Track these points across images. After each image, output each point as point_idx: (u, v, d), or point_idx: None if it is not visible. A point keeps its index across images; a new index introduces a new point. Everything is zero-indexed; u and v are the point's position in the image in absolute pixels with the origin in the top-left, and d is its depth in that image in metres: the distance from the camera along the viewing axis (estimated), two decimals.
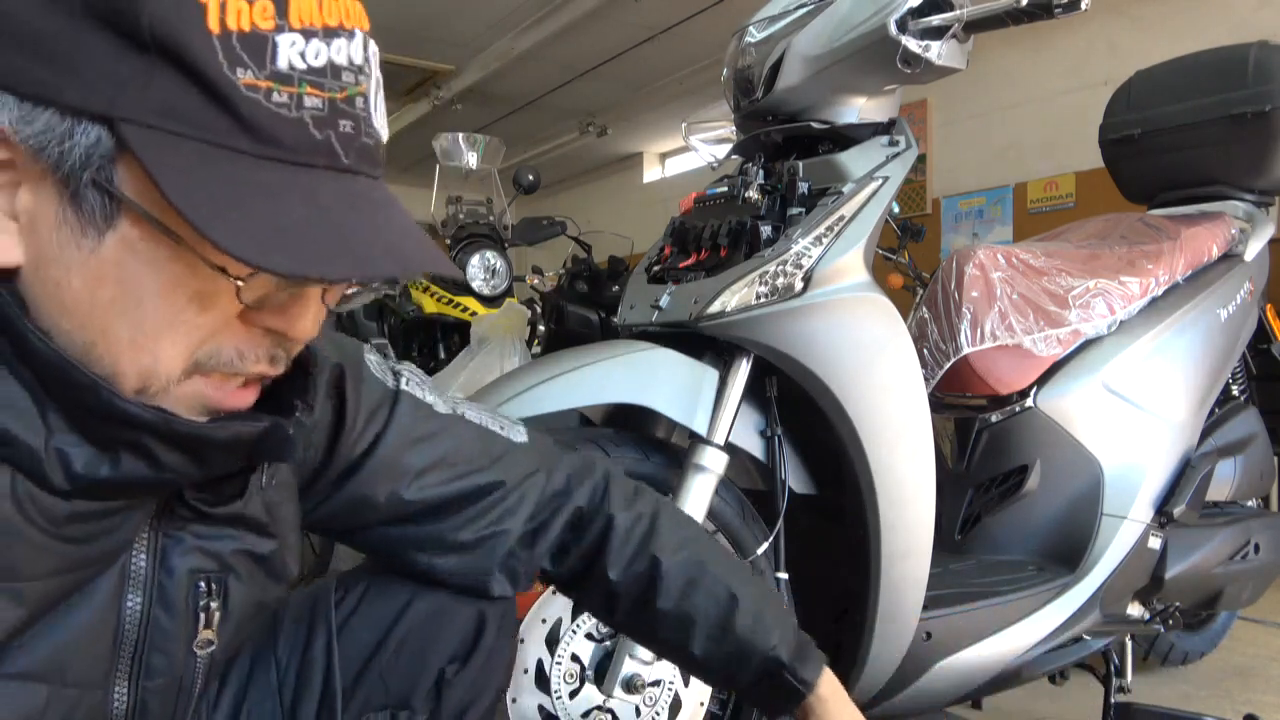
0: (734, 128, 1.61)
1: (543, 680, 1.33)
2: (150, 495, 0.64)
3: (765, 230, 1.38)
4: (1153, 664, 2.22)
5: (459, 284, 3.86)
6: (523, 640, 1.31)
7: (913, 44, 1.32)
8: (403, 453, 0.83)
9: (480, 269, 3.87)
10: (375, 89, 0.57)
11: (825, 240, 1.33)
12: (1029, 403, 1.76)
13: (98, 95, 0.49)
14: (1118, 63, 4.41)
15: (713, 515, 1.36)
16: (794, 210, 1.40)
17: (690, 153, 1.85)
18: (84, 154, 0.50)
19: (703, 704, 1.44)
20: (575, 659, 1.35)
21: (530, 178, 4.07)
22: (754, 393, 1.40)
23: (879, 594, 1.41)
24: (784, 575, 1.39)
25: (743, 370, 1.36)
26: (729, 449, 1.34)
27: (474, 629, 0.90)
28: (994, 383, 1.73)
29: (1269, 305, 2.23)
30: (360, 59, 0.54)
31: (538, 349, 3.95)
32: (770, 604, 0.96)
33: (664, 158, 9.68)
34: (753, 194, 1.44)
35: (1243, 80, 2.04)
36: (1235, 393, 2.24)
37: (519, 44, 6.36)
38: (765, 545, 1.40)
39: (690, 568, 0.93)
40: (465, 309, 3.82)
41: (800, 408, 1.40)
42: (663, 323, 1.41)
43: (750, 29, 1.52)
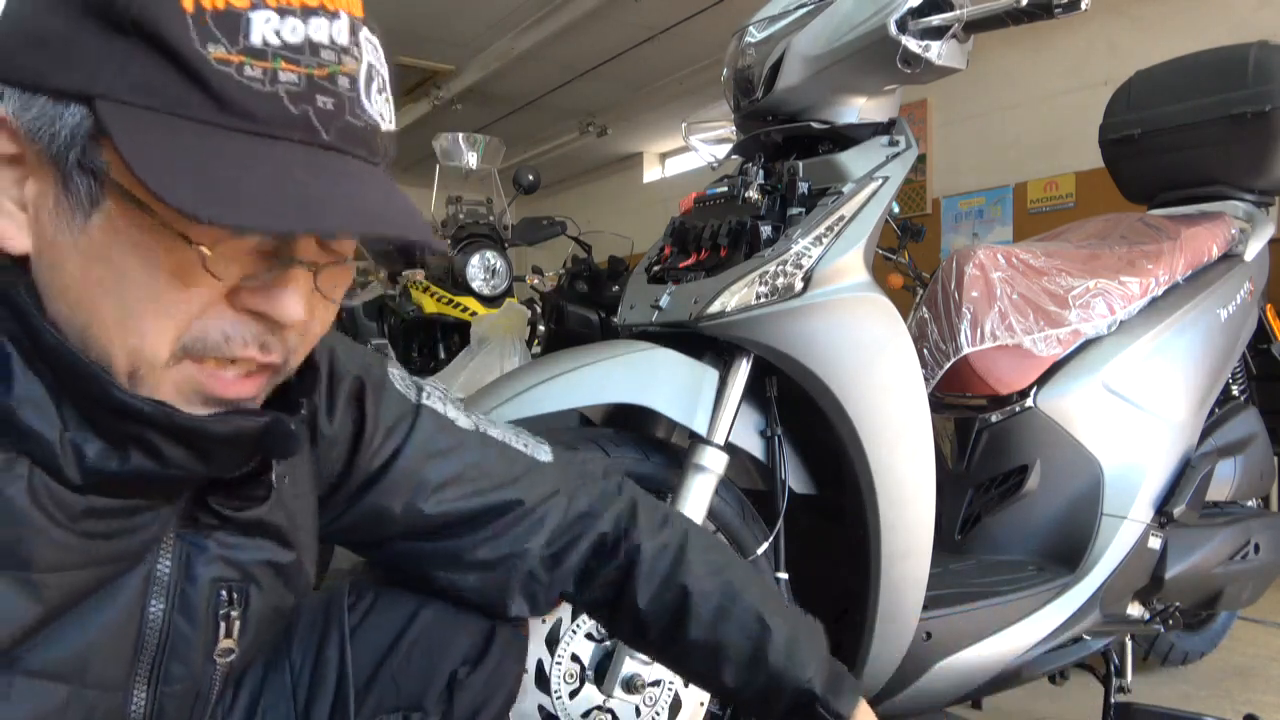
0: (734, 128, 1.61)
1: (543, 680, 1.33)
2: (163, 493, 0.64)
3: (765, 230, 1.38)
4: (1153, 664, 2.22)
5: (459, 284, 3.86)
6: None
7: (913, 44, 1.32)
8: (422, 466, 0.83)
9: (480, 269, 3.87)
10: (369, 74, 0.57)
11: (825, 240, 1.33)
12: (1029, 403, 1.76)
13: (80, 76, 0.51)
14: (1118, 63, 4.41)
15: (713, 515, 1.36)
16: (794, 210, 1.40)
17: (690, 153, 1.85)
18: (69, 134, 0.52)
19: (703, 704, 1.44)
20: (575, 659, 1.35)
21: (530, 178, 4.07)
22: (754, 393, 1.40)
23: (879, 594, 1.41)
24: (784, 575, 1.39)
25: (743, 370, 1.36)
26: (729, 449, 1.34)
27: (486, 633, 0.90)
28: (994, 383, 1.73)
29: (1269, 305, 2.23)
30: (345, 40, 0.55)
31: (538, 349, 3.95)
32: (804, 632, 0.93)
33: (664, 158, 9.68)
34: (753, 194, 1.44)
35: (1243, 80, 2.04)
36: (1235, 393, 2.24)
37: (519, 44, 6.36)
38: (765, 545, 1.40)
39: (721, 596, 0.90)
40: (465, 309, 3.82)
41: (800, 408, 1.40)
42: (663, 323, 1.41)
43: (750, 29, 1.52)
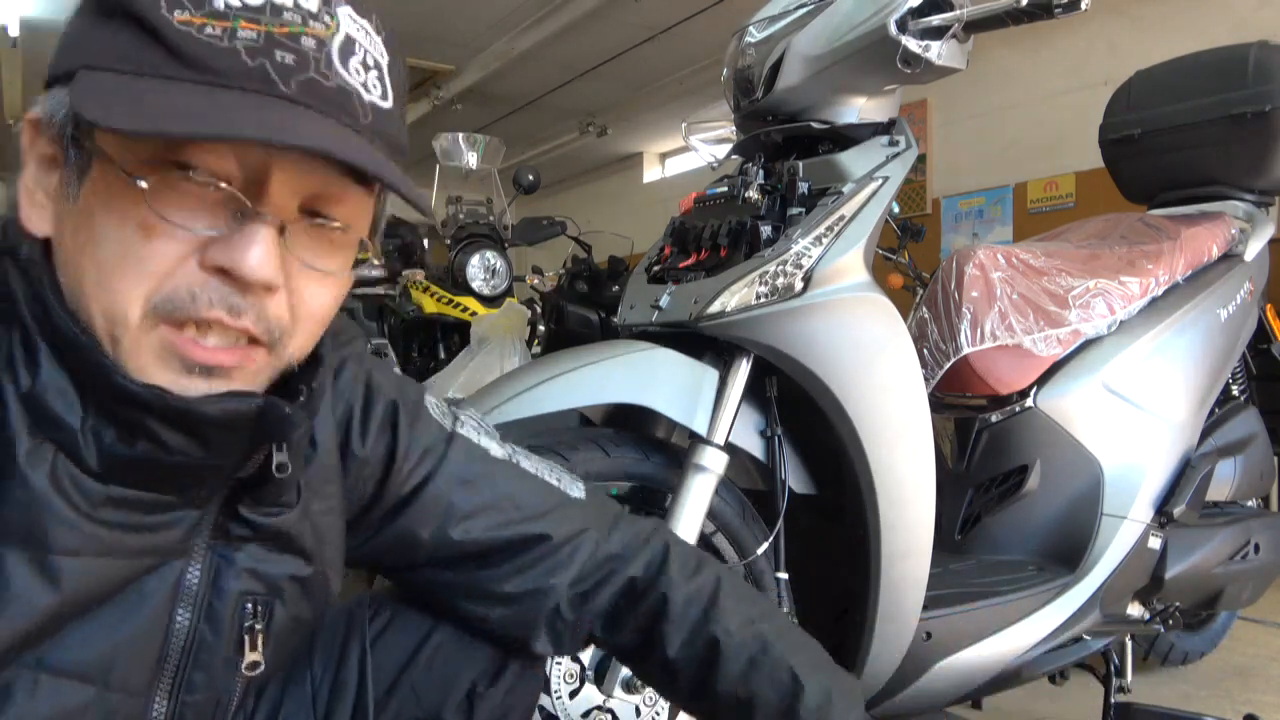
0: (734, 128, 1.61)
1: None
2: (178, 487, 0.64)
3: (765, 230, 1.38)
4: (1153, 664, 2.22)
5: (459, 284, 3.86)
6: None
7: (913, 44, 1.32)
8: (452, 493, 0.84)
9: (480, 269, 3.87)
10: (347, 44, 0.59)
11: (825, 240, 1.33)
12: (1029, 403, 1.76)
13: (73, 59, 0.56)
14: (1118, 63, 4.41)
15: (713, 515, 1.36)
16: (794, 210, 1.40)
17: (690, 153, 1.85)
18: (66, 112, 0.57)
19: None
20: (575, 659, 1.35)
21: (530, 178, 4.07)
22: (754, 393, 1.40)
23: (879, 594, 1.41)
24: (784, 575, 1.39)
25: (743, 370, 1.36)
26: (729, 449, 1.34)
27: (503, 651, 0.90)
28: (994, 383, 1.73)
29: (1269, 305, 2.24)
30: (314, 7, 0.57)
31: (538, 349, 3.95)
32: (839, 692, 0.89)
33: (664, 158, 9.68)
34: (753, 194, 1.44)
35: (1243, 80, 2.04)
36: (1235, 393, 2.24)
37: (519, 44, 6.36)
38: (765, 545, 1.40)
39: (753, 648, 0.88)
40: (465, 309, 3.82)
41: (800, 408, 1.40)
42: (663, 323, 1.41)
43: (750, 29, 1.52)
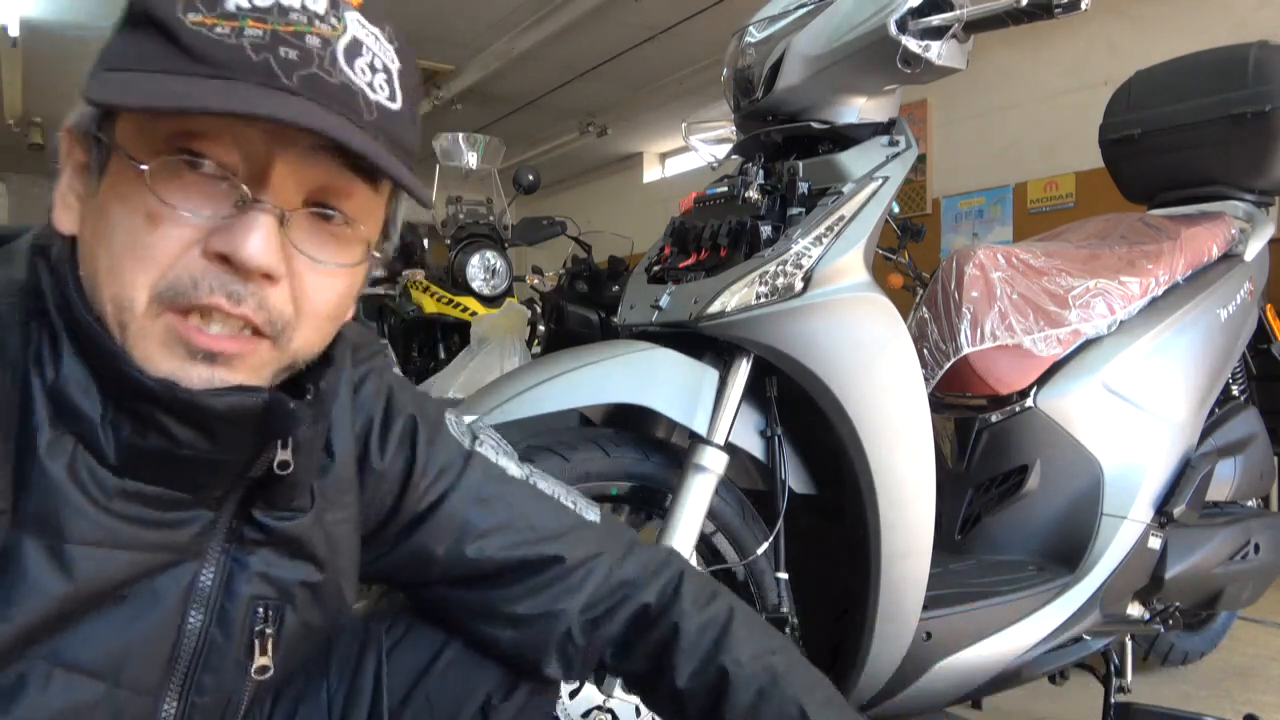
0: (734, 128, 1.61)
1: None
2: (190, 483, 0.65)
3: (765, 230, 1.38)
4: (1153, 664, 2.22)
5: (459, 284, 3.86)
6: None
7: (913, 44, 1.32)
8: (468, 510, 0.85)
9: (480, 269, 3.88)
10: (353, 46, 0.60)
11: (825, 240, 1.33)
12: (1029, 403, 1.76)
13: (100, 67, 0.58)
14: (1118, 63, 4.41)
15: (713, 515, 1.36)
16: (794, 210, 1.40)
17: (690, 153, 1.85)
18: (91, 115, 0.60)
19: None
20: None
21: (530, 178, 4.07)
22: (754, 393, 1.40)
23: (879, 594, 1.41)
24: (784, 575, 1.39)
25: (743, 370, 1.36)
26: (729, 449, 1.34)
27: (516, 670, 0.90)
28: (994, 383, 1.73)
29: (1269, 305, 2.23)
30: (320, 9, 0.59)
31: (538, 349, 3.95)
32: None
33: (664, 158, 9.68)
34: (753, 194, 1.44)
35: (1243, 80, 2.04)
36: (1235, 393, 2.24)
37: (519, 44, 6.36)
38: (765, 545, 1.40)
39: (763, 680, 0.87)
40: (465, 309, 3.83)
41: (800, 408, 1.40)
42: (663, 323, 1.41)
43: (750, 29, 1.52)
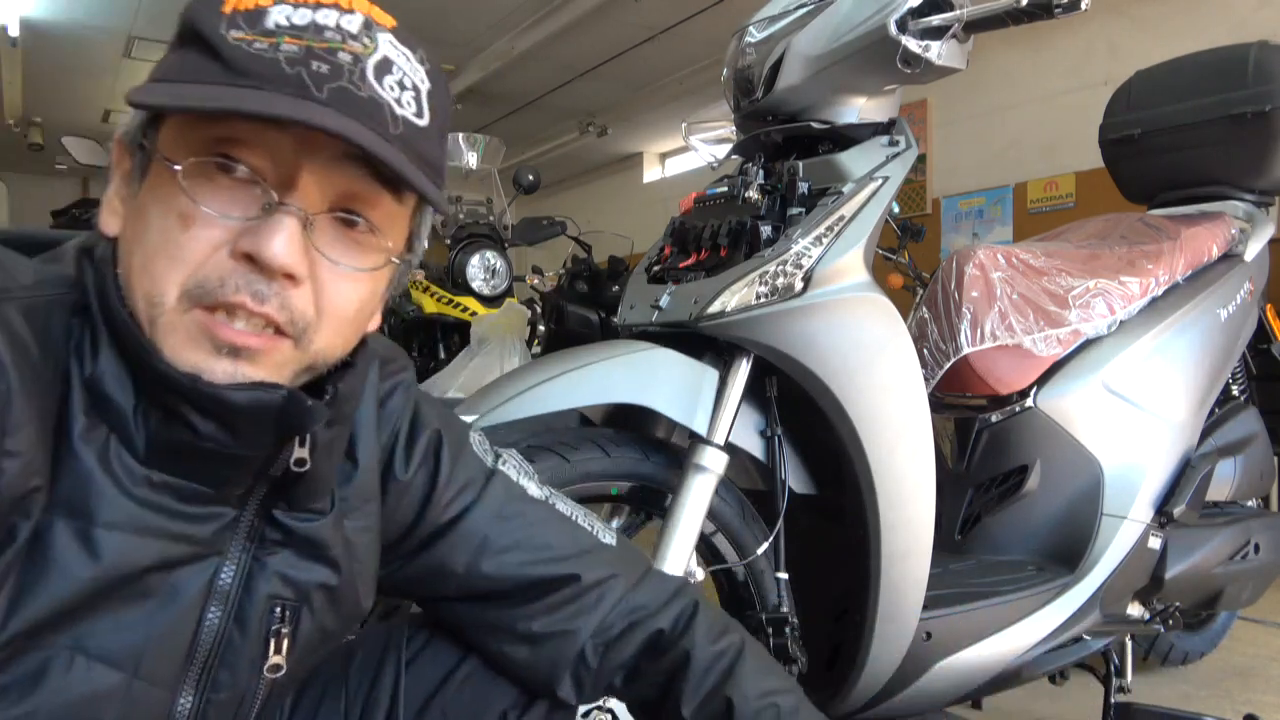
0: (734, 128, 1.61)
1: None
2: (212, 478, 0.67)
3: (765, 230, 1.38)
4: (1153, 664, 2.22)
5: (459, 284, 3.86)
6: None
7: (913, 44, 1.32)
8: (488, 526, 0.86)
9: (480, 269, 3.88)
10: (383, 64, 0.63)
11: (825, 240, 1.33)
12: (1029, 403, 1.76)
13: (150, 77, 0.63)
14: (1118, 63, 4.41)
15: (713, 515, 1.36)
16: (794, 210, 1.39)
17: (690, 153, 1.85)
18: (140, 123, 0.64)
19: None
20: None
21: (530, 178, 4.07)
22: (754, 393, 1.40)
23: (879, 594, 1.41)
24: (784, 575, 1.39)
25: (743, 370, 1.36)
26: (729, 449, 1.34)
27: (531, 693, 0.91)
28: (994, 383, 1.73)
29: (1269, 305, 2.24)
30: (355, 29, 0.63)
31: (538, 349, 3.95)
32: None
33: (664, 158, 9.68)
34: (753, 194, 1.44)
35: (1243, 80, 2.04)
36: (1235, 393, 2.24)
37: (519, 44, 6.36)
38: (765, 545, 1.40)
39: (766, 718, 0.88)
40: (465, 309, 3.83)
41: (800, 408, 1.40)
42: (663, 323, 1.41)
43: (750, 29, 1.52)
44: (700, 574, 1.36)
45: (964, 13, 1.31)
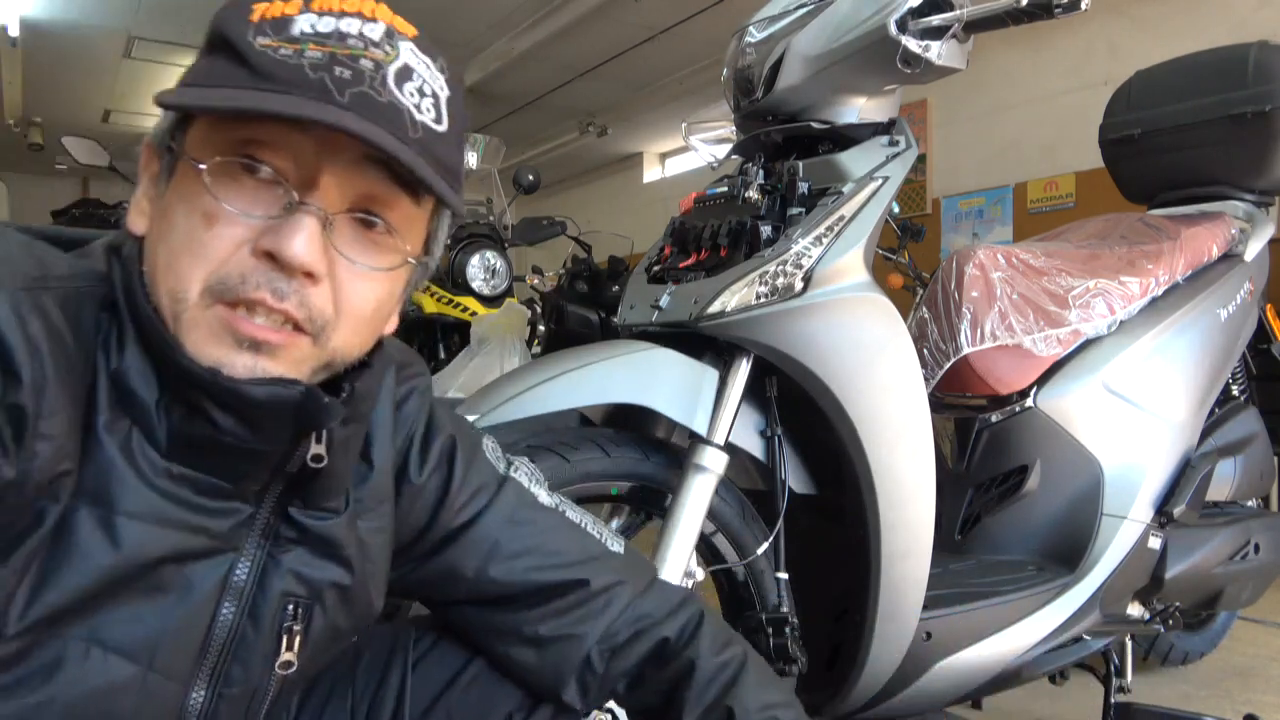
0: (734, 128, 1.61)
1: None
2: (231, 472, 0.68)
3: (765, 230, 1.38)
4: (1153, 664, 2.22)
5: (459, 284, 3.86)
6: None
7: (913, 44, 1.32)
8: (499, 532, 0.88)
9: (480, 269, 3.87)
10: (404, 72, 0.65)
11: (825, 240, 1.33)
12: (1029, 403, 1.76)
13: (179, 82, 0.65)
14: (1118, 63, 4.41)
15: (713, 515, 1.36)
16: (794, 210, 1.39)
17: (690, 153, 1.85)
18: (168, 126, 0.66)
19: None
20: None
21: (530, 178, 4.07)
22: (754, 393, 1.40)
23: (879, 594, 1.41)
24: (784, 575, 1.39)
25: (743, 370, 1.36)
26: (729, 449, 1.34)
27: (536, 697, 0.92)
28: (994, 383, 1.73)
29: (1269, 305, 2.24)
30: (376, 36, 0.65)
31: (538, 349, 3.95)
32: None
33: (664, 158, 9.68)
34: (753, 194, 1.44)
35: (1243, 80, 2.04)
36: (1235, 393, 2.24)
37: (519, 44, 6.36)
38: (765, 545, 1.40)
39: None
40: (465, 309, 3.82)
41: (800, 408, 1.40)
42: (663, 323, 1.41)
43: (750, 29, 1.52)
44: (700, 574, 1.36)
45: (964, 13, 1.31)
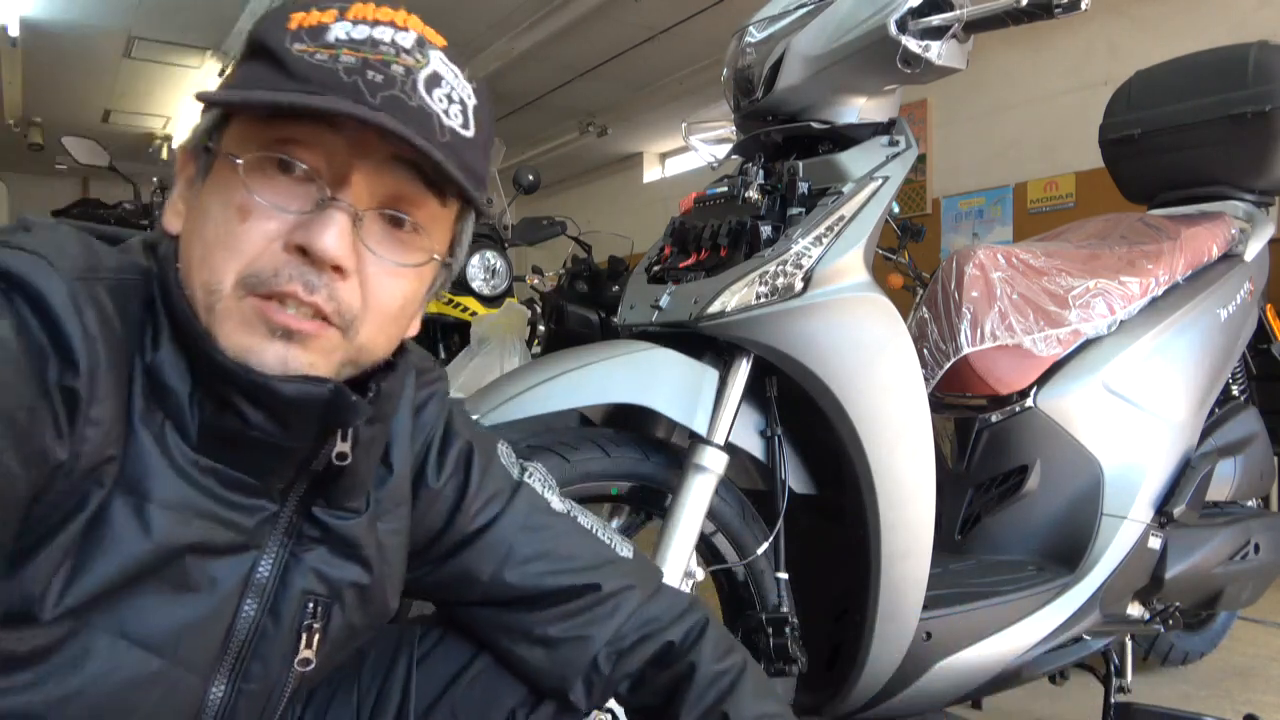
0: (734, 128, 1.61)
1: None
2: (258, 468, 0.70)
3: (765, 230, 1.38)
4: (1153, 664, 2.22)
5: (459, 284, 3.86)
6: None
7: (913, 44, 1.32)
8: (513, 537, 0.90)
9: (480, 269, 3.87)
10: (433, 78, 0.68)
11: (825, 240, 1.33)
12: (1029, 403, 1.76)
13: (219, 86, 0.69)
14: (1118, 63, 4.41)
15: (713, 515, 1.36)
16: (794, 210, 1.39)
17: (690, 153, 1.85)
18: (206, 128, 0.69)
19: None
20: None
21: (530, 178, 4.07)
22: (754, 393, 1.40)
23: (879, 594, 1.41)
24: (784, 575, 1.39)
25: (743, 370, 1.36)
26: (729, 449, 1.34)
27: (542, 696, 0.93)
28: (994, 383, 1.73)
29: (1269, 305, 2.24)
30: (408, 44, 0.68)
31: (538, 349, 3.95)
32: None
33: (664, 158, 9.68)
34: (753, 194, 1.44)
35: (1243, 80, 2.04)
36: (1235, 393, 2.24)
37: (519, 44, 6.36)
38: (765, 545, 1.40)
39: None
40: (465, 309, 3.82)
41: (800, 408, 1.40)
42: (663, 323, 1.41)
43: (750, 29, 1.52)
44: (700, 574, 1.36)
45: (964, 13, 1.31)
